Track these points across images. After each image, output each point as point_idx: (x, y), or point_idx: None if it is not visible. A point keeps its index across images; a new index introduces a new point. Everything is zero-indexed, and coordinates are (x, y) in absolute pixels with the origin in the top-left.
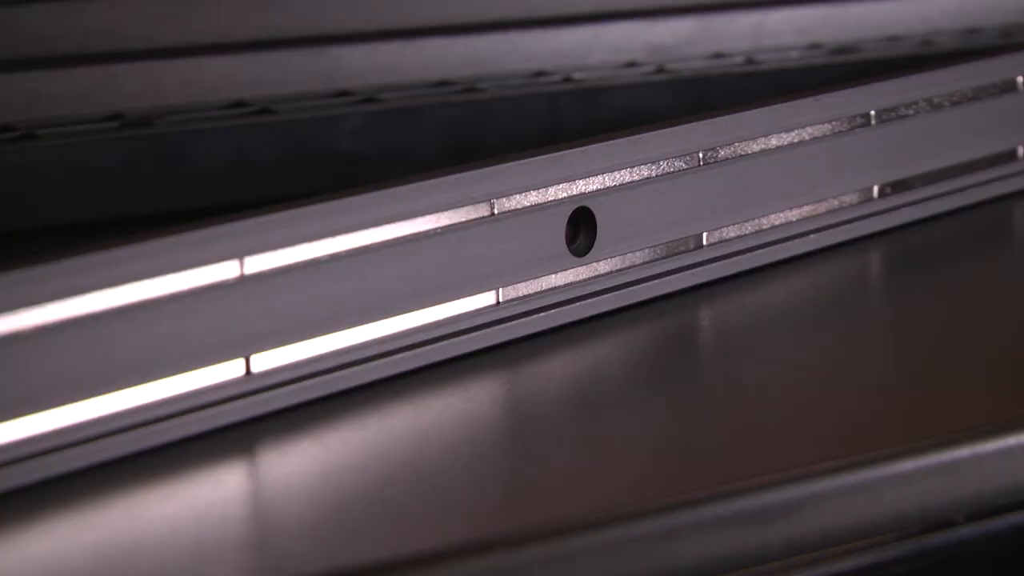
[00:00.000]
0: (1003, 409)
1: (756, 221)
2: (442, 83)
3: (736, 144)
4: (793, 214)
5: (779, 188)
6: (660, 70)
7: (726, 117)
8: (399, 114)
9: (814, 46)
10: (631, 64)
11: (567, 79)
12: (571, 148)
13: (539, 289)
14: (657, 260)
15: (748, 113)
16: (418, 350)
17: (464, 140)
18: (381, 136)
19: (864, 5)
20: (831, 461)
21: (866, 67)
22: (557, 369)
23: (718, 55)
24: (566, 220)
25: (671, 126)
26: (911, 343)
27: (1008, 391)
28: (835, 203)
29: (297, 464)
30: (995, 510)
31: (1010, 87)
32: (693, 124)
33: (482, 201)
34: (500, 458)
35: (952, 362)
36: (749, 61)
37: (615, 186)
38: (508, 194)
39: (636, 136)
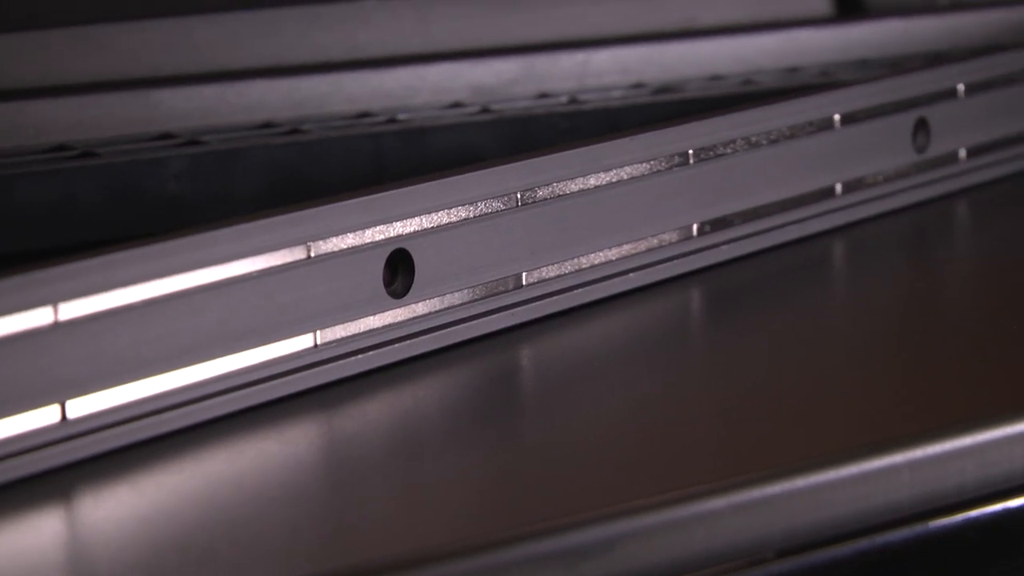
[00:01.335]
0: (813, 445)
1: (575, 260)
2: (266, 125)
3: (554, 184)
4: (612, 253)
5: (598, 227)
6: (485, 110)
7: (543, 157)
8: (222, 156)
9: (638, 85)
10: (456, 105)
11: (392, 120)
12: (387, 190)
13: (357, 331)
14: (476, 300)
15: (565, 153)
16: (235, 394)
17: (289, 182)
18: (205, 179)
19: (687, 45)
20: (642, 499)
21: (689, 106)
22: (375, 411)
23: (543, 95)
24: (384, 262)
25: (488, 167)
26: (729, 380)
27: (820, 428)
28: (654, 241)
29: (112, 510)
30: (806, 546)
31: (827, 125)
32: (510, 165)
33: (298, 244)
34: (317, 501)
35: (766, 399)
36: (573, 101)
37: (433, 227)
38: (324, 237)
39: (453, 177)
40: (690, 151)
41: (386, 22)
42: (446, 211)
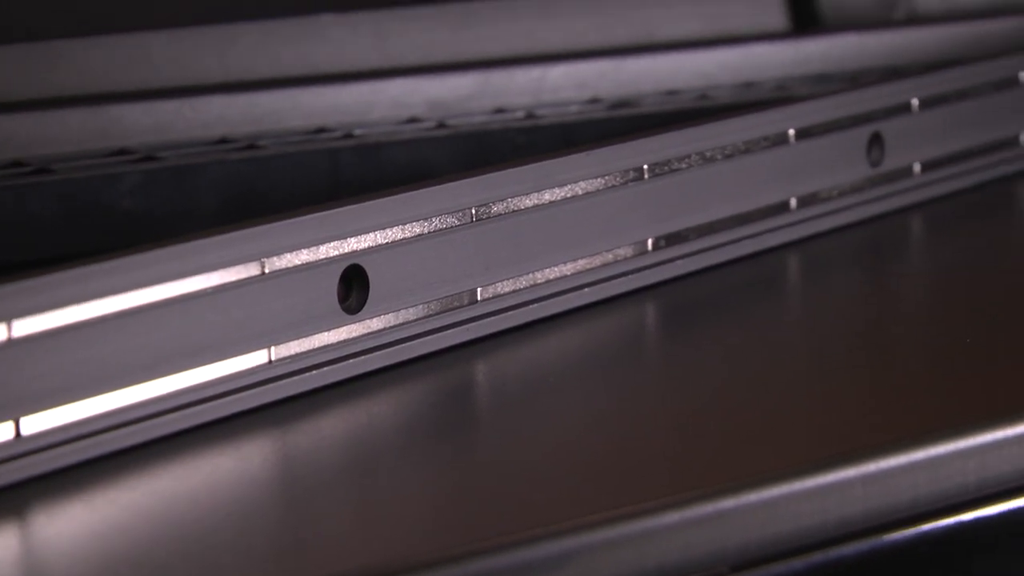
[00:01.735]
0: (767, 460)
1: (530, 275)
2: (223, 140)
3: (509, 199)
4: (567, 268)
5: (553, 243)
6: (441, 125)
7: (497, 173)
8: (179, 172)
9: (594, 100)
10: (412, 120)
11: (348, 135)
12: (341, 206)
13: (312, 347)
14: (431, 316)
15: (520, 169)
16: (190, 410)
17: (245, 198)
18: (161, 195)
19: (643, 60)
20: (596, 514)
21: (645, 121)
22: (330, 427)
23: (499, 110)
24: (338, 278)
25: (442, 183)
26: (684, 395)
27: (775, 442)
28: (609, 256)
29: (66, 526)
30: (760, 560)
31: (782, 140)
32: (464, 180)
33: (253, 260)
34: (271, 518)
35: (721, 414)
36: (529, 116)
37: (387, 243)
38: (279, 253)
39: (407, 193)
40: (645, 166)
41: (343, 37)
42: (400, 227)
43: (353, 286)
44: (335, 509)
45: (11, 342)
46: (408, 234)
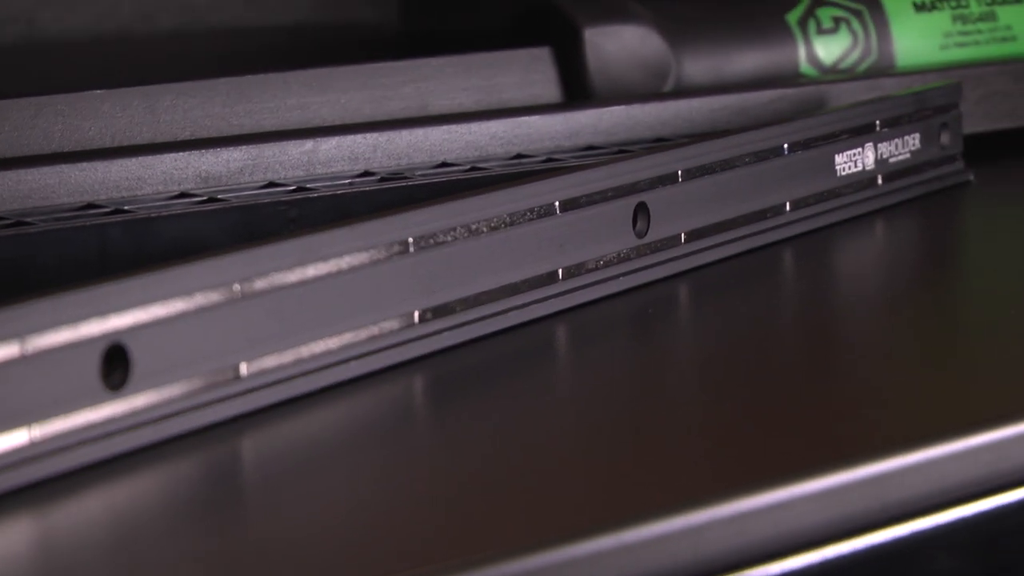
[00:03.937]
0: (531, 531)
1: (295, 350)
2: None
3: (272, 275)
4: (333, 342)
5: (318, 317)
6: (212, 199)
7: (259, 248)
8: None
9: (367, 173)
10: (183, 194)
11: (118, 211)
12: (101, 284)
13: (74, 426)
14: (195, 392)
15: (282, 244)
16: None
17: (12, 276)
18: None
19: (415, 132)
20: None
21: (416, 192)
22: (92, 506)
23: (271, 184)
24: (99, 356)
25: (203, 259)
26: (452, 467)
27: (540, 514)
28: (376, 330)
29: None
30: None
31: (549, 211)
32: (226, 256)
33: (11, 339)
34: None
35: (488, 485)
36: (300, 189)
37: (149, 321)
38: (38, 331)
39: (167, 270)
40: (410, 239)
41: (113, 112)
42: (162, 303)
43: (115, 363)
44: None
45: None
46: (171, 311)
